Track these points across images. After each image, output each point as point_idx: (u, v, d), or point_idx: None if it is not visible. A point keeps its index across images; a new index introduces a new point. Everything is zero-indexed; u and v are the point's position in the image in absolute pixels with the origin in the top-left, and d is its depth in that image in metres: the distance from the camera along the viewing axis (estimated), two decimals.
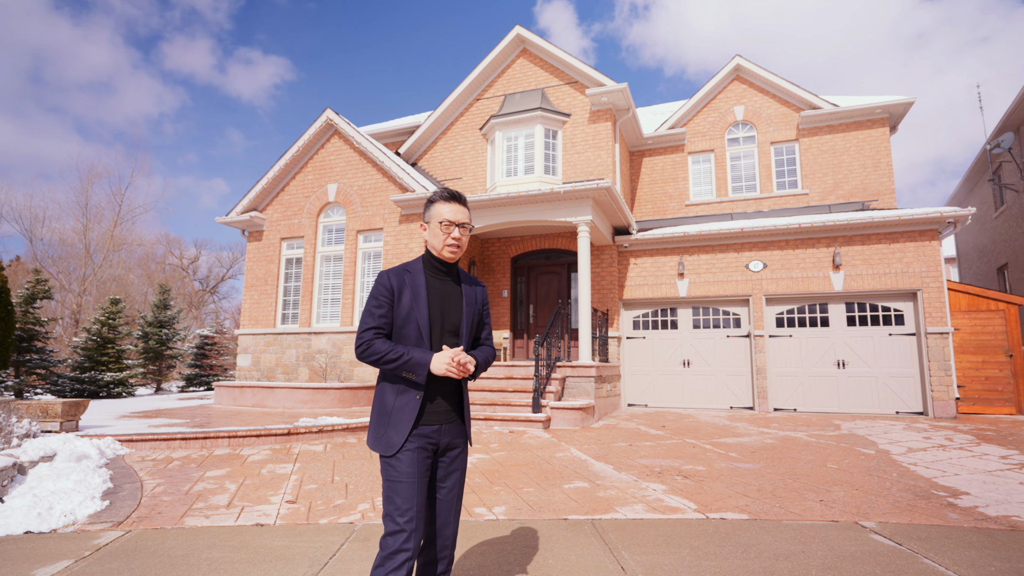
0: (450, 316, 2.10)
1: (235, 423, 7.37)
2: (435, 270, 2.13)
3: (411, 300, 2.04)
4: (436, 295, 2.09)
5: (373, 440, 2.03)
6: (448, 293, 2.12)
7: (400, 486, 1.93)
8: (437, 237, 2.09)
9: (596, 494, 4.59)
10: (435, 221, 2.08)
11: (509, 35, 12.47)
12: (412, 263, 2.14)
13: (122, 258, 30.30)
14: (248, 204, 11.48)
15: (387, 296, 2.04)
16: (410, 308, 2.03)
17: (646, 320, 11.57)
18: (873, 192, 11.87)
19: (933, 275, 9.56)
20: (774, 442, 7.08)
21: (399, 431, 1.98)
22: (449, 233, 2.07)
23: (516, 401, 8.50)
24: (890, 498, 4.43)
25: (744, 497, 4.47)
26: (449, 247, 2.09)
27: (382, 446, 1.99)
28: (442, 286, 2.12)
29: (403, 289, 2.05)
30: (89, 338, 13.02)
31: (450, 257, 2.11)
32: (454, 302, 2.13)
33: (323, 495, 4.62)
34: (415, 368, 1.95)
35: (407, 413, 1.99)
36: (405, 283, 2.05)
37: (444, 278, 2.14)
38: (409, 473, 1.94)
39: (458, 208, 2.10)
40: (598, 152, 11.64)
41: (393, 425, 1.99)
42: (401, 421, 1.99)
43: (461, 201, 2.12)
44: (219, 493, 4.65)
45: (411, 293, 2.04)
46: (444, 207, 2.09)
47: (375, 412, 2.06)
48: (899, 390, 9.65)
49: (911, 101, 11.69)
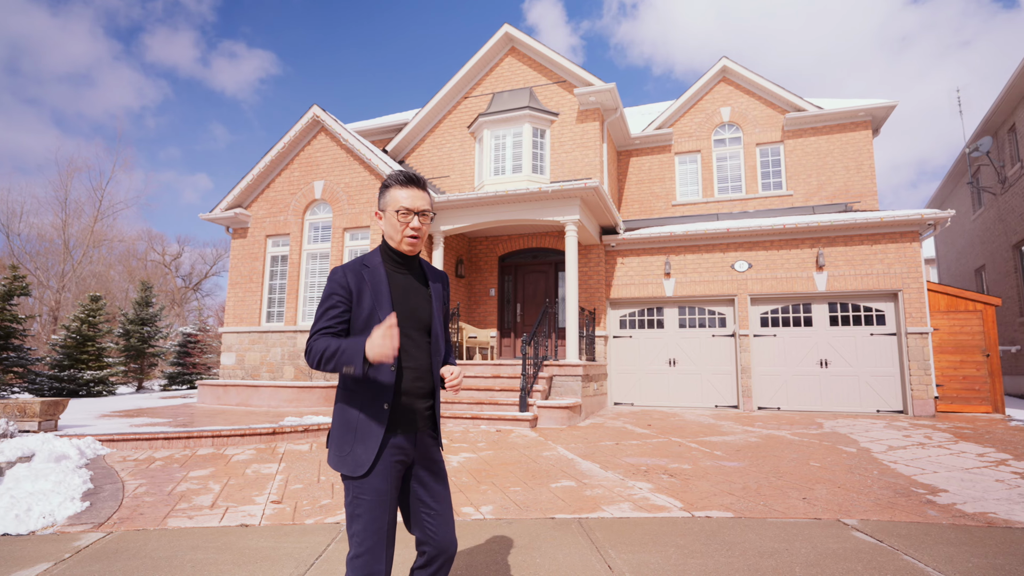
0: (419, 314, 1.87)
1: (219, 422, 7.29)
2: (395, 264, 1.88)
3: (373, 299, 1.78)
4: (400, 291, 1.85)
5: (336, 459, 1.76)
6: (412, 288, 1.89)
7: (370, 504, 1.70)
8: (394, 228, 1.82)
9: (583, 493, 4.61)
10: (391, 209, 1.82)
11: (497, 33, 12.45)
12: (370, 256, 1.88)
13: (102, 254, 29.77)
14: (233, 200, 11.34)
15: (343, 296, 1.78)
16: (372, 308, 1.78)
17: (633, 319, 11.64)
18: (856, 194, 12.05)
19: (914, 276, 9.73)
20: (758, 440, 7.16)
21: (368, 446, 1.72)
22: (407, 223, 1.81)
23: (503, 400, 8.50)
24: (871, 496, 4.50)
25: (729, 495, 4.52)
26: (408, 239, 1.83)
27: (348, 465, 1.72)
28: (405, 281, 1.88)
29: (362, 287, 1.79)
30: (68, 336, 12.78)
31: (408, 250, 1.87)
32: (421, 298, 1.89)
33: (309, 495, 4.58)
34: (352, 358, 1.65)
35: (375, 424, 1.74)
36: (364, 280, 1.80)
37: (405, 272, 1.90)
38: (381, 491, 1.72)
39: (417, 193, 1.83)
40: (586, 152, 11.67)
41: (361, 439, 1.73)
42: (369, 434, 1.73)
43: (420, 185, 1.85)
44: (203, 493, 4.59)
45: (372, 291, 1.79)
46: (400, 192, 1.82)
47: (336, 426, 1.81)
48: (880, 389, 9.81)
49: (893, 104, 11.88)
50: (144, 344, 15.46)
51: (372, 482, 1.70)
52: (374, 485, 1.70)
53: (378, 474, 1.71)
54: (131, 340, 15.18)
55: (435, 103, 12.78)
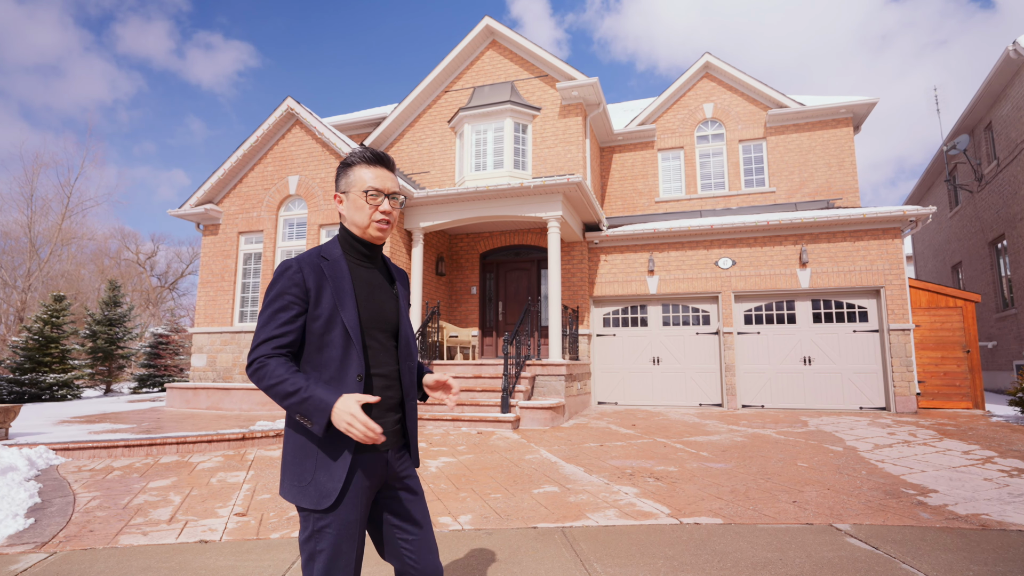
0: (384, 314, 1.61)
1: (186, 427, 6.95)
2: (359, 255, 1.62)
3: (334, 298, 1.51)
4: (364, 288, 1.59)
5: (293, 489, 1.45)
6: (377, 284, 1.64)
7: (336, 538, 1.43)
8: (361, 211, 1.56)
9: (566, 499, 4.42)
10: (356, 190, 1.57)
11: (478, 26, 12.20)
12: (328, 247, 1.60)
13: (72, 253, 28.88)
14: (203, 196, 10.92)
15: (298, 295, 1.49)
16: (333, 309, 1.50)
17: (616, 317, 11.50)
18: (838, 191, 12.05)
19: (896, 272, 9.73)
20: (744, 440, 7.05)
21: (332, 472, 1.43)
22: (377, 205, 1.57)
23: (485, 401, 8.28)
24: (861, 497, 4.39)
25: (717, 499, 4.36)
26: (378, 223, 1.58)
27: (310, 497, 1.43)
28: (370, 276, 1.63)
29: (322, 284, 1.51)
30: (30, 337, 12.22)
31: (378, 236, 1.61)
32: (386, 295, 1.64)
33: (277, 505, 4.32)
34: (313, 413, 1.38)
35: (339, 445, 1.45)
36: (324, 275, 1.52)
37: (369, 265, 1.64)
38: (350, 522, 1.45)
39: (386, 173, 1.59)
40: (568, 147, 11.49)
41: (323, 464, 1.44)
42: (333, 457, 1.44)
43: (389, 165, 1.62)
44: (161, 506, 4.30)
45: (333, 288, 1.52)
46: (367, 172, 1.57)
47: (290, 450, 1.49)
48: (863, 386, 9.80)
49: (874, 101, 11.90)
50: (112, 345, 14.89)
51: (340, 513, 1.43)
52: (342, 516, 1.43)
53: (347, 504, 1.44)
54: (98, 341, 14.59)
55: (414, 97, 12.48)
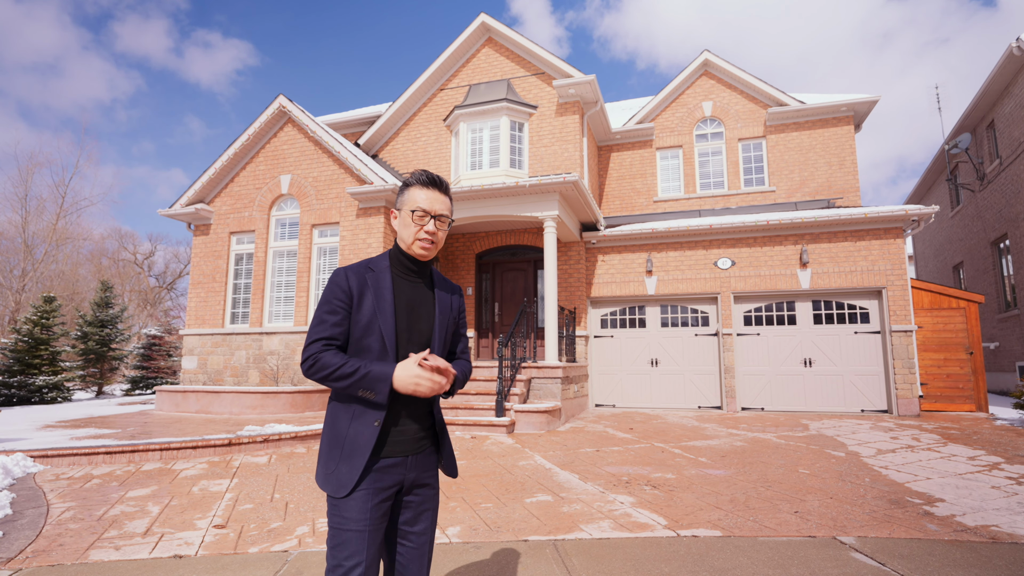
0: (419, 326, 1.73)
1: (172, 432, 6.78)
2: (405, 269, 1.75)
3: (374, 305, 1.65)
4: (404, 300, 1.71)
5: (322, 476, 1.65)
6: (419, 298, 1.75)
7: (348, 535, 1.56)
8: (408, 228, 1.70)
9: (560, 509, 4.25)
10: (407, 209, 1.70)
11: (474, 23, 12.02)
12: (376, 260, 1.75)
13: (68, 253, 28.67)
14: (194, 196, 10.74)
15: (343, 300, 1.65)
16: (372, 315, 1.65)
17: (614, 318, 11.33)
18: (838, 190, 11.89)
19: (898, 273, 9.56)
20: (744, 445, 6.89)
21: (352, 466, 1.59)
22: (422, 225, 1.69)
23: (479, 404, 8.11)
24: (865, 507, 4.22)
25: (716, 509, 4.20)
26: (421, 242, 1.70)
27: (331, 484, 1.60)
28: (412, 289, 1.75)
29: (364, 291, 1.66)
30: (19, 339, 12.02)
31: (421, 254, 1.73)
32: (425, 309, 1.76)
33: (258, 516, 4.15)
34: (374, 384, 1.56)
35: (363, 442, 1.60)
36: (367, 284, 1.67)
37: (415, 279, 1.77)
38: (360, 520, 1.57)
39: (437, 196, 1.72)
40: (565, 146, 11.32)
41: (346, 458, 1.60)
42: (356, 453, 1.60)
43: (442, 188, 1.74)
44: (138, 517, 4.12)
45: (374, 296, 1.66)
46: (420, 193, 1.70)
47: (325, 441, 1.68)
48: (864, 388, 9.63)
49: (875, 99, 11.73)
50: (104, 347, 14.68)
51: (352, 505, 1.57)
52: (353, 509, 1.57)
53: (357, 498, 1.58)
54: (89, 343, 14.39)
55: (409, 95, 12.31)
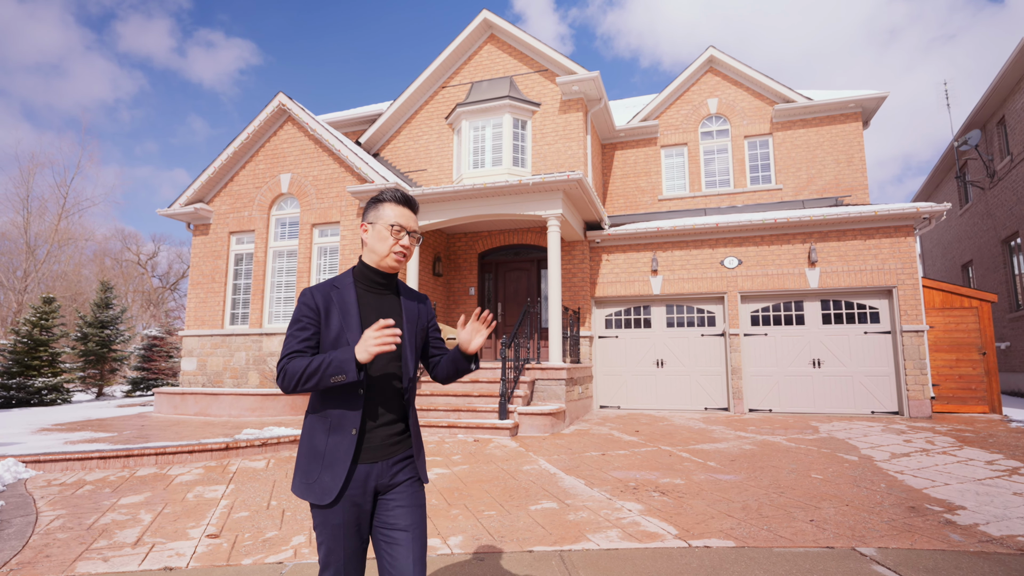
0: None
1: (169, 435, 6.65)
2: (371, 283, 1.83)
3: (341, 320, 1.73)
4: (371, 312, 1.79)
5: (302, 486, 1.69)
6: (386, 309, 1.83)
7: (332, 534, 1.67)
8: (383, 242, 1.79)
9: (566, 517, 4.10)
10: (383, 223, 1.80)
11: (476, 19, 11.87)
12: (340, 278, 1.84)
13: (70, 254, 28.63)
14: (193, 195, 10.61)
15: (312, 317, 1.73)
16: (340, 330, 1.73)
17: (619, 319, 11.16)
18: (847, 187, 11.70)
19: (908, 272, 9.37)
20: (753, 448, 6.72)
21: (335, 473, 1.65)
22: (398, 239, 1.80)
23: (482, 407, 7.96)
24: (884, 515, 4.06)
25: (728, 517, 4.04)
26: (395, 255, 1.80)
27: (315, 493, 1.66)
28: (378, 301, 1.83)
29: (330, 308, 1.74)
30: (18, 340, 11.91)
31: (393, 267, 1.83)
32: (392, 318, 1.82)
33: (254, 525, 4.01)
34: (342, 366, 1.59)
35: (343, 450, 1.67)
36: (332, 301, 1.76)
37: (381, 291, 1.85)
38: (339, 524, 1.67)
39: (409, 214, 1.84)
40: (569, 143, 11.15)
41: (328, 466, 1.67)
42: (337, 461, 1.67)
43: (414, 207, 1.88)
44: (129, 526, 3.99)
45: (340, 312, 1.74)
46: (395, 209, 1.82)
47: (303, 453, 1.74)
48: (874, 389, 9.45)
49: (883, 95, 11.54)
50: (104, 348, 14.56)
51: (336, 512, 1.66)
52: (332, 519, 1.66)
53: (340, 507, 1.66)
54: (89, 344, 14.28)
55: (411, 93, 12.16)
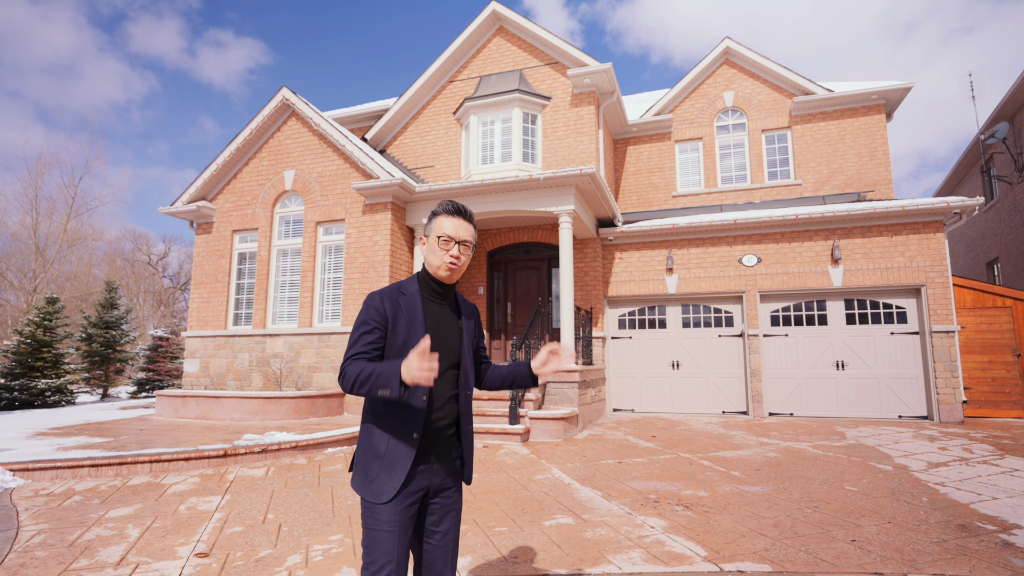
0: (449, 345, 1.87)
1: (168, 440, 6.40)
2: (432, 292, 1.89)
3: (407, 326, 1.79)
4: (434, 322, 1.85)
5: (361, 483, 1.76)
6: (446, 320, 1.90)
7: (381, 535, 1.70)
8: (435, 254, 1.86)
9: (583, 534, 3.78)
10: (434, 236, 1.86)
11: (484, 11, 11.56)
12: (407, 283, 1.89)
13: (80, 254, 28.68)
14: (196, 193, 10.39)
15: (379, 321, 1.78)
16: (406, 338, 1.78)
17: (632, 319, 10.81)
18: (869, 182, 11.26)
19: (938, 270, 8.94)
20: (778, 455, 6.36)
21: (394, 475, 1.71)
22: (448, 250, 1.85)
23: (491, 411, 7.65)
24: (931, 535, 3.70)
25: (761, 536, 3.70)
26: (447, 265, 1.85)
27: (371, 491, 1.73)
28: (439, 311, 1.89)
29: (398, 314, 1.80)
30: (21, 341, 11.76)
31: (446, 276, 1.87)
32: (453, 329, 1.90)
33: (247, 542, 3.72)
34: (388, 381, 1.63)
35: (403, 453, 1.74)
36: (400, 307, 1.81)
37: (441, 302, 1.91)
38: (392, 522, 1.71)
39: (461, 223, 1.87)
40: (580, 138, 10.81)
41: (387, 467, 1.72)
42: (396, 464, 1.73)
43: (466, 217, 1.90)
44: (114, 543, 3.71)
45: (407, 319, 1.80)
46: (446, 221, 1.86)
47: (362, 450, 1.81)
48: (902, 393, 9.03)
49: (908, 86, 11.10)
50: (109, 349, 14.41)
51: (390, 510, 1.71)
52: (390, 514, 1.71)
53: (394, 504, 1.72)
54: (93, 345, 14.13)
55: (418, 88, 11.87)
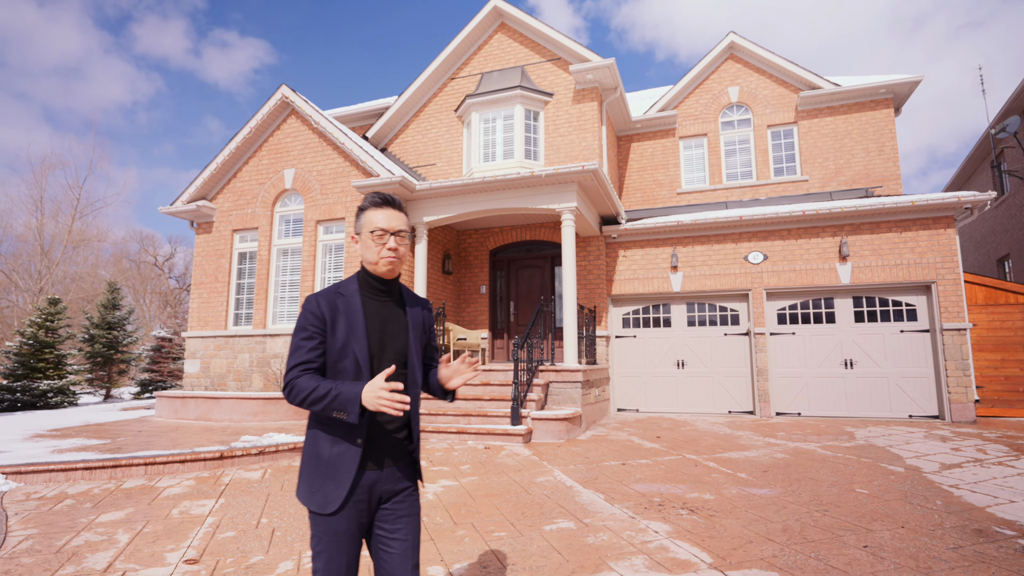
0: (394, 343, 1.78)
1: (166, 442, 6.32)
2: (373, 290, 1.80)
3: (347, 328, 1.71)
4: (376, 320, 1.77)
5: (306, 493, 1.69)
6: (390, 316, 1.80)
7: (331, 543, 1.65)
8: (371, 249, 1.77)
9: (584, 539, 3.66)
10: (367, 231, 1.77)
11: (485, 8, 11.44)
12: (345, 284, 1.80)
13: (86, 255, 28.77)
14: (196, 192, 10.32)
15: (317, 325, 1.71)
16: (346, 338, 1.71)
17: (637, 317, 10.66)
18: (877, 178, 11.07)
19: (949, 266, 8.76)
20: (786, 456, 6.22)
21: (339, 482, 1.64)
22: (384, 243, 1.76)
23: (493, 411, 7.53)
24: (947, 540, 3.56)
25: (768, 541, 3.57)
26: (386, 259, 1.76)
27: (317, 502, 1.66)
28: (382, 308, 1.80)
29: (336, 316, 1.72)
30: (23, 342, 11.74)
31: (388, 272, 1.79)
32: (398, 326, 1.81)
33: (239, 547, 3.62)
34: (345, 406, 1.60)
35: (348, 460, 1.66)
36: (338, 309, 1.73)
37: (384, 299, 1.81)
38: (342, 531, 1.65)
39: (393, 213, 1.79)
40: (583, 135, 10.68)
41: (331, 475, 1.66)
42: (341, 469, 1.66)
43: (396, 205, 1.81)
44: (102, 549, 3.62)
45: (346, 320, 1.72)
46: (376, 214, 1.77)
47: (307, 458, 1.73)
48: (912, 392, 8.85)
49: (917, 80, 10.89)
50: (111, 350, 14.39)
51: (335, 522, 1.65)
52: (335, 525, 1.65)
53: (344, 514, 1.65)
54: (96, 346, 14.10)
55: (419, 85, 11.77)
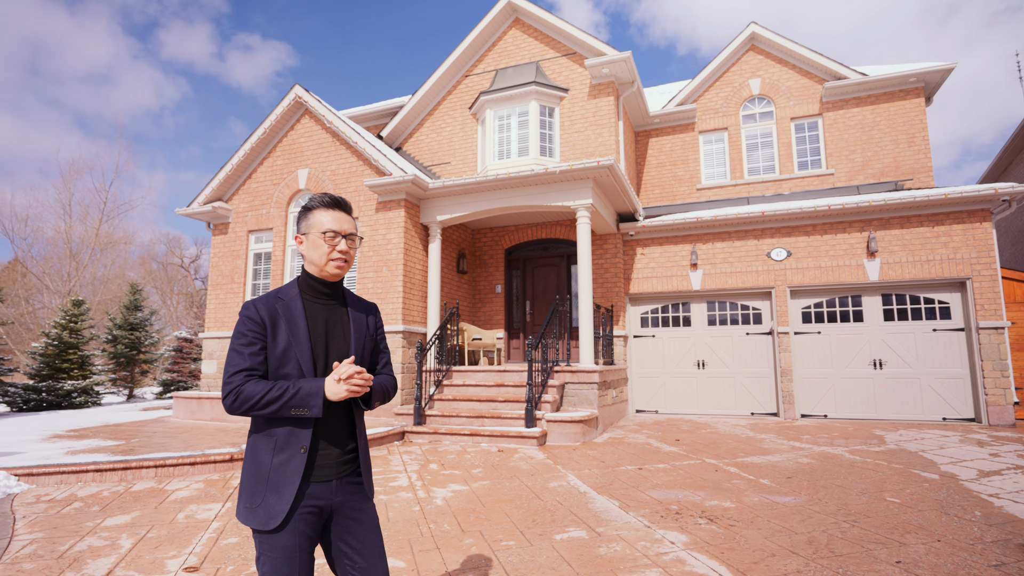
0: (336, 346, 1.73)
1: (179, 444, 6.31)
2: (316, 292, 1.75)
3: (288, 333, 1.66)
4: (318, 323, 1.73)
5: (246, 511, 1.58)
6: (333, 320, 1.77)
7: (277, 561, 1.54)
8: (319, 250, 1.70)
9: (596, 550, 3.50)
10: (315, 232, 1.71)
11: (499, 3, 11.29)
12: (285, 289, 1.75)
13: (113, 258, 29.40)
14: (211, 194, 10.38)
15: (257, 331, 1.64)
16: (287, 343, 1.65)
17: (655, 317, 10.42)
18: (907, 171, 10.64)
19: (985, 262, 8.35)
20: (811, 462, 5.95)
21: (282, 496, 1.55)
22: (334, 245, 1.71)
23: (507, 413, 7.38)
24: (988, 556, 3.31)
25: (792, 555, 3.36)
26: (335, 262, 1.72)
27: (259, 518, 1.55)
28: (325, 311, 1.75)
29: (277, 321, 1.66)
30: (49, 343, 11.98)
31: (335, 274, 1.74)
32: (341, 330, 1.77)
33: (240, 554, 3.54)
34: (307, 400, 1.56)
35: (292, 469, 1.58)
36: (278, 313, 1.67)
37: (327, 302, 1.77)
38: (290, 547, 1.56)
39: (342, 216, 1.75)
40: (599, 130, 10.46)
41: (273, 488, 1.57)
42: (284, 482, 1.56)
43: (345, 208, 1.79)
44: (104, 554, 3.57)
45: (287, 325, 1.66)
46: (325, 215, 1.72)
47: (247, 472, 1.62)
48: (946, 393, 8.46)
49: (950, 67, 10.43)
50: (133, 350, 14.62)
51: (282, 538, 1.55)
52: (283, 541, 1.56)
53: (289, 529, 1.56)
54: (119, 346, 14.34)
55: (433, 83, 11.68)
